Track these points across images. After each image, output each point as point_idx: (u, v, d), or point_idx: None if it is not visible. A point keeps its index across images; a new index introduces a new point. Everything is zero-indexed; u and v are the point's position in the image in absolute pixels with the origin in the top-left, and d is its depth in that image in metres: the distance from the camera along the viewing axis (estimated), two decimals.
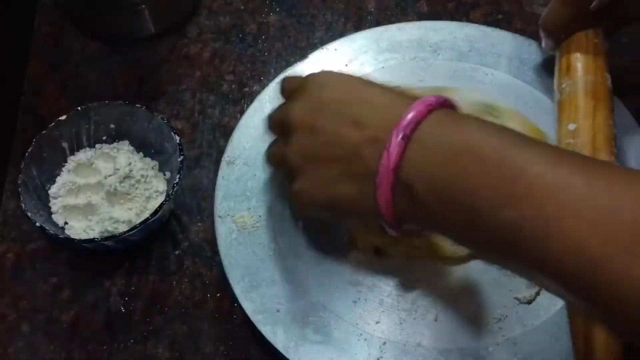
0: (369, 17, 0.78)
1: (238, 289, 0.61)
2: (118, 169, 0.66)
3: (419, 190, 0.49)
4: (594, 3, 0.64)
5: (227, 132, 0.70)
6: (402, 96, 0.53)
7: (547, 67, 0.70)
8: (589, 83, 0.64)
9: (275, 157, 0.60)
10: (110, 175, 0.66)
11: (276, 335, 0.59)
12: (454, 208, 0.48)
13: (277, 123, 0.59)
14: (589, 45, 0.66)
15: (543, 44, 0.69)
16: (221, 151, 0.68)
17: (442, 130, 0.49)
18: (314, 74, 0.58)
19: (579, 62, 0.65)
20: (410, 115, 0.49)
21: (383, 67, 0.72)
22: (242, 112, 0.70)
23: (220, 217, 0.65)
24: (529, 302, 0.61)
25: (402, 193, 0.50)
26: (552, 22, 0.67)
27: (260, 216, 0.65)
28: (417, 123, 0.49)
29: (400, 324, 0.60)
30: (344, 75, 0.57)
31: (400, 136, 0.49)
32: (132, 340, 0.63)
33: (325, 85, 0.56)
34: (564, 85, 0.65)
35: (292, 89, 0.59)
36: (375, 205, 0.51)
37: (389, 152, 0.49)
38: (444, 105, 0.51)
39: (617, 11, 0.66)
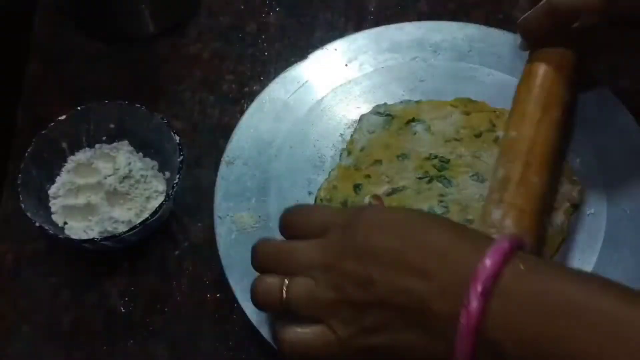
0: (369, 17, 0.78)
1: (238, 289, 0.61)
2: (118, 169, 0.66)
3: (509, 348, 0.45)
4: (576, 23, 0.61)
5: (227, 132, 0.70)
6: (465, 238, 0.49)
7: None
8: (542, 94, 0.63)
9: (298, 300, 0.52)
10: (109, 175, 0.66)
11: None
12: None
13: (298, 264, 0.53)
14: (557, 59, 0.64)
15: (518, 42, 0.68)
16: (221, 151, 0.68)
17: (530, 284, 0.45)
18: (351, 213, 0.53)
19: (541, 72, 0.64)
20: (487, 267, 0.45)
21: (383, 67, 0.72)
22: (242, 112, 0.70)
23: (220, 217, 0.65)
24: None
25: (486, 351, 0.45)
26: (528, 27, 0.65)
27: (260, 216, 0.65)
28: (495, 276, 0.45)
29: None
30: (393, 214, 0.53)
31: (480, 291, 0.45)
32: (132, 341, 0.63)
33: (374, 228, 0.50)
34: (520, 90, 0.65)
35: (316, 226, 0.53)
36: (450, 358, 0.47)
37: (468, 311, 0.45)
38: (515, 246, 0.47)
39: (598, 38, 0.64)
